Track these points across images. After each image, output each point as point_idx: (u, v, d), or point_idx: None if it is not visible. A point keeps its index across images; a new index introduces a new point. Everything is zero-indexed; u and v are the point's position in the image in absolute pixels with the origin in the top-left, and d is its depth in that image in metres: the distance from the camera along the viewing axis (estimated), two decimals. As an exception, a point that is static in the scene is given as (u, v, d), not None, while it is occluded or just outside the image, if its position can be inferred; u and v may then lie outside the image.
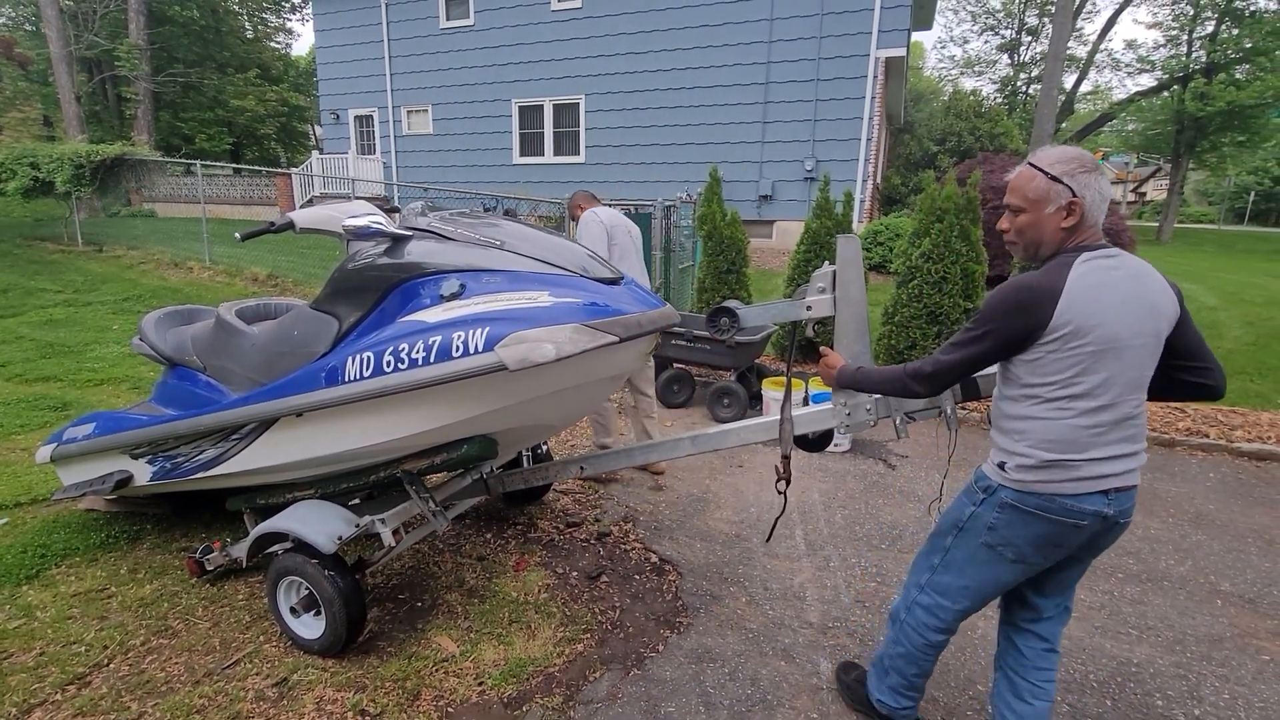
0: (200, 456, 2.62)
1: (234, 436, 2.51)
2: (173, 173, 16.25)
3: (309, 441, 2.35)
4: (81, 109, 18.23)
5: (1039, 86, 20.10)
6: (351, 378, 2.09)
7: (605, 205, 4.13)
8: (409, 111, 15.84)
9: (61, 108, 17.80)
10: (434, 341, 1.97)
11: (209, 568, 2.75)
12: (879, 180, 13.89)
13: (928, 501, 3.66)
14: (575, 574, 2.93)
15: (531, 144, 14.68)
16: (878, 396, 2.24)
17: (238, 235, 2.54)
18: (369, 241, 2.25)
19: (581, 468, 2.79)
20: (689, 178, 12.19)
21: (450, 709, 2.13)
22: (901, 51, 11.35)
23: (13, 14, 22.81)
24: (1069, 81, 25.53)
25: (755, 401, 5.06)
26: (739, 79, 12.34)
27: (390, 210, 2.83)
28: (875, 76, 11.33)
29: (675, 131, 13.06)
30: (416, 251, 2.20)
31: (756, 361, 5.36)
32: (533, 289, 2.04)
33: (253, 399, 2.40)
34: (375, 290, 2.23)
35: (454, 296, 2.07)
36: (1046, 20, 25.50)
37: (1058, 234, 1.56)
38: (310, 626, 2.36)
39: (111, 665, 2.28)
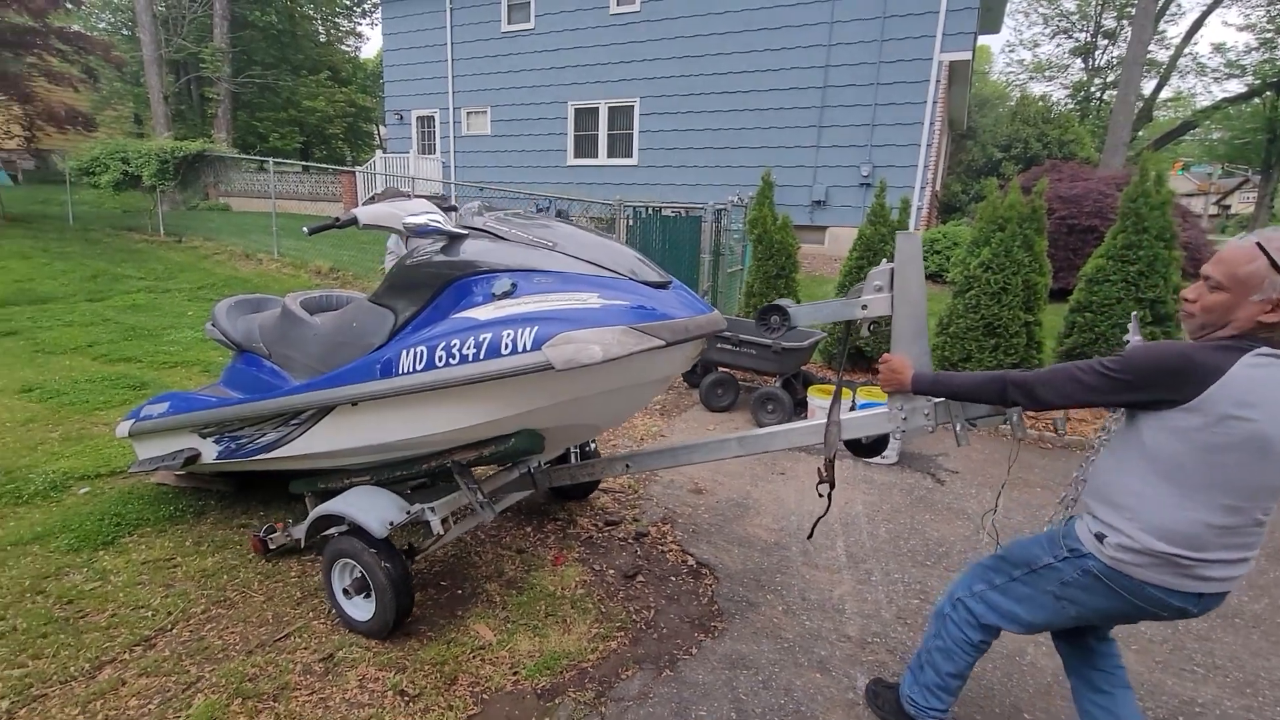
0: (262, 439, 2.76)
1: (293, 421, 2.62)
2: (247, 169, 17.11)
3: (363, 429, 2.44)
4: (169, 108, 19.41)
5: (1114, 92, 19.13)
6: (405, 370, 2.17)
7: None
8: (469, 113, 16.26)
9: (151, 107, 19.00)
10: (484, 339, 2.02)
11: (271, 546, 2.86)
12: (938, 187, 13.48)
13: (979, 516, 3.53)
14: (612, 572, 2.95)
15: (586, 146, 14.85)
16: (938, 401, 2.12)
17: (305, 229, 2.66)
18: (427, 239, 2.32)
19: (627, 465, 2.77)
20: (741, 181, 12.10)
21: (485, 695, 2.17)
22: (966, 55, 11.00)
23: (112, 19, 24.49)
24: (1148, 87, 24.20)
25: (800, 409, 4.99)
26: (796, 82, 12.19)
27: (448, 209, 2.93)
28: (938, 81, 11.01)
29: (728, 135, 13.00)
30: (471, 250, 2.25)
31: (803, 369, 5.28)
32: (582, 290, 2.07)
33: (311, 387, 2.51)
34: (431, 286, 2.30)
35: (505, 295, 2.11)
36: (1125, 23, 24.25)
37: (1250, 324, 1.39)
38: (361, 608, 2.43)
39: (174, 630, 2.42)
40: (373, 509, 2.35)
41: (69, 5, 13.86)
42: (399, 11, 16.69)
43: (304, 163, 19.20)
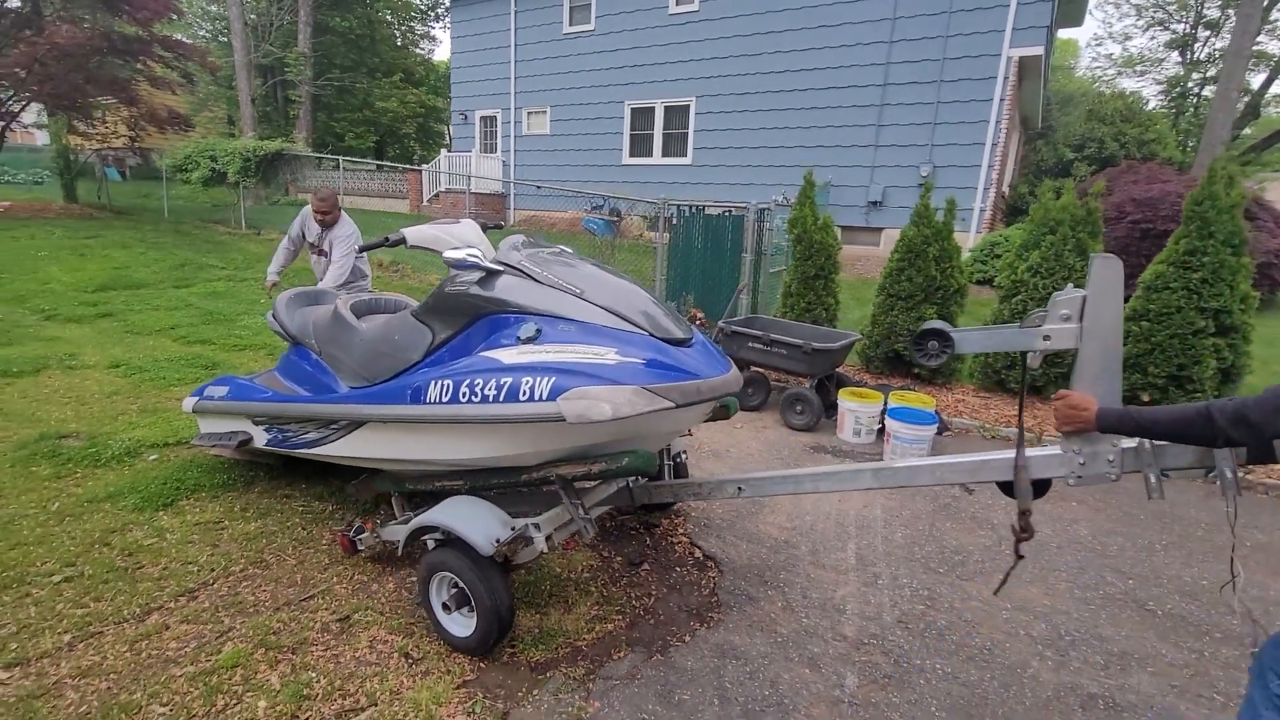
0: (305, 436, 2.99)
1: (332, 426, 2.84)
2: (323, 167, 18.14)
3: (391, 445, 2.63)
4: (256, 110, 20.78)
5: (1214, 88, 17.76)
6: (432, 400, 2.32)
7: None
8: (529, 113, 16.68)
9: (240, 109, 20.39)
10: (505, 382, 2.14)
11: (360, 547, 2.83)
12: (1004, 188, 12.90)
13: (1005, 526, 3.43)
14: (619, 559, 3.04)
15: (641, 145, 14.99)
16: (1125, 445, 1.86)
17: (357, 245, 2.88)
18: (466, 271, 2.45)
19: (739, 488, 2.52)
20: (795, 181, 11.95)
21: (483, 664, 2.31)
22: (1038, 50, 10.49)
23: (210, 27, 26.39)
24: (1255, 82, 22.32)
25: (831, 411, 4.94)
26: (854, 80, 11.94)
27: (495, 226, 3.08)
28: (1006, 78, 10.55)
29: (783, 134, 12.85)
30: (504, 287, 2.39)
31: (838, 370, 5.22)
32: (602, 344, 2.17)
33: (349, 399, 2.72)
34: (466, 315, 2.46)
35: (530, 340, 2.24)
36: (1230, 12, 22.44)
37: None
38: (460, 624, 2.35)
39: (215, 585, 2.67)
40: (478, 523, 2.27)
41: (172, 15, 15.06)
42: (467, 15, 17.29)
43: (374, 161, 20.15)
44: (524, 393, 2.10)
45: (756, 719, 2.12)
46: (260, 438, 3.23)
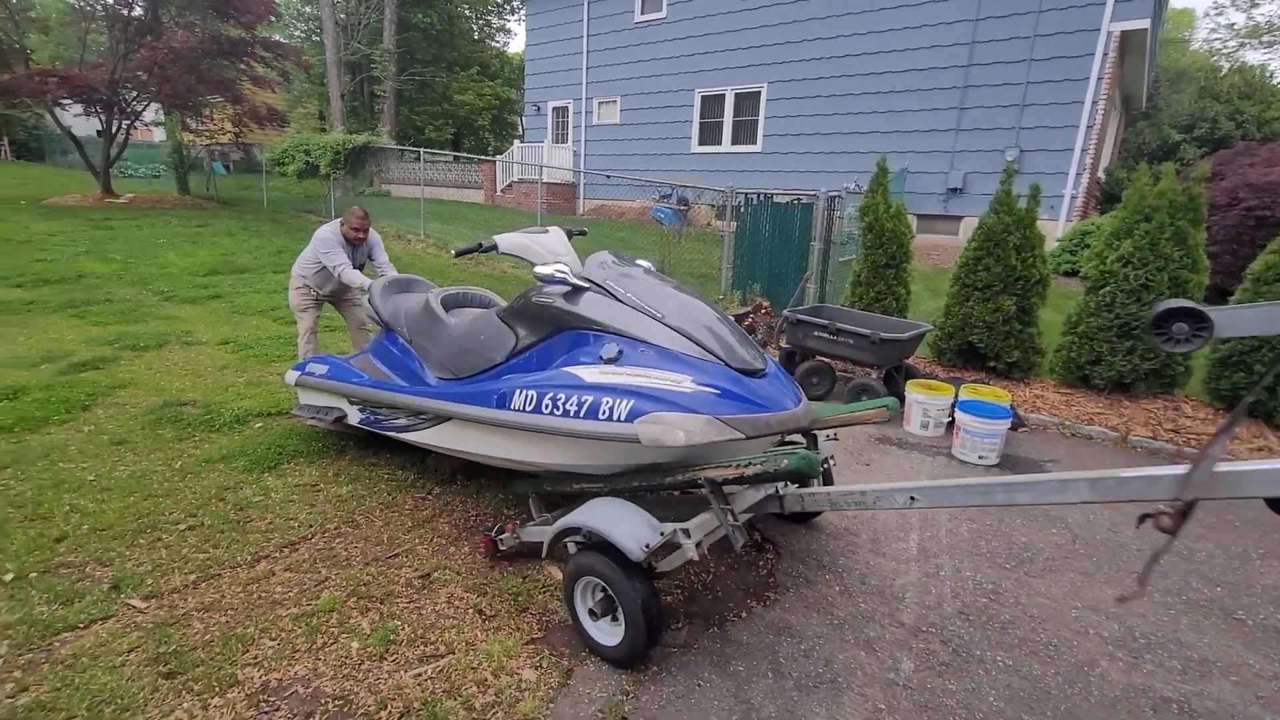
0: (395, 421, 3.24)
1: (421, 417, 3.07)
2: (405, 159, 19.00)
3: (475, 442, 2.83)
4: (345, 105, 21.94)
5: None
6: (516, 407, 2.49)
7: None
8: (600, 103, 16.87)
9: (330, 104, 21.58)
10: (586, 400, 2.28)
11: (501, 547, 2.80)
12: (1100, 174, 12.06)
13: (1079, 526, 3.30)
14: (679, 537, 3.13)
15: (710, 133, 14.90)
16: None
17: (452, 251, 3.10)
18: (554, 285, 2.60)
19: (911, 498, 2.14)
20: (869, 169, 11.61)
21: (549, 624, 2.47)
22: (1143, 23, 9.72)
23: (304, 28, 27.98)
24: None
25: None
26: (935, 61, 11.43)
27: (579, 233, 3.22)
28: (1105, 54, 9.84)
29: (856, 119, 12.48)
30: (589, 305, 2.52)
31: (906, 361, 5.11)
32: (679, 371, 2.27)
33: (438, 395, 2.92)
34: (550, 325, 2.62)
35: (611, 361, 2.37)
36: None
37: None
38: (607, 633, 2.28)
39: (312, 540, 2.95)
40: (627, 527, 2.18)
41: (272, 17, 16.10)
42: (541, 7, 17.62)
43: (452, 153, 20.90)
44: (603, 412, 2.22)
45: (809, 693, 2.18)
46: (354, 416, 3.52)
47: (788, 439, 2.73)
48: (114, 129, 13.89)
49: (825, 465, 2.93)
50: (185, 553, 2.78)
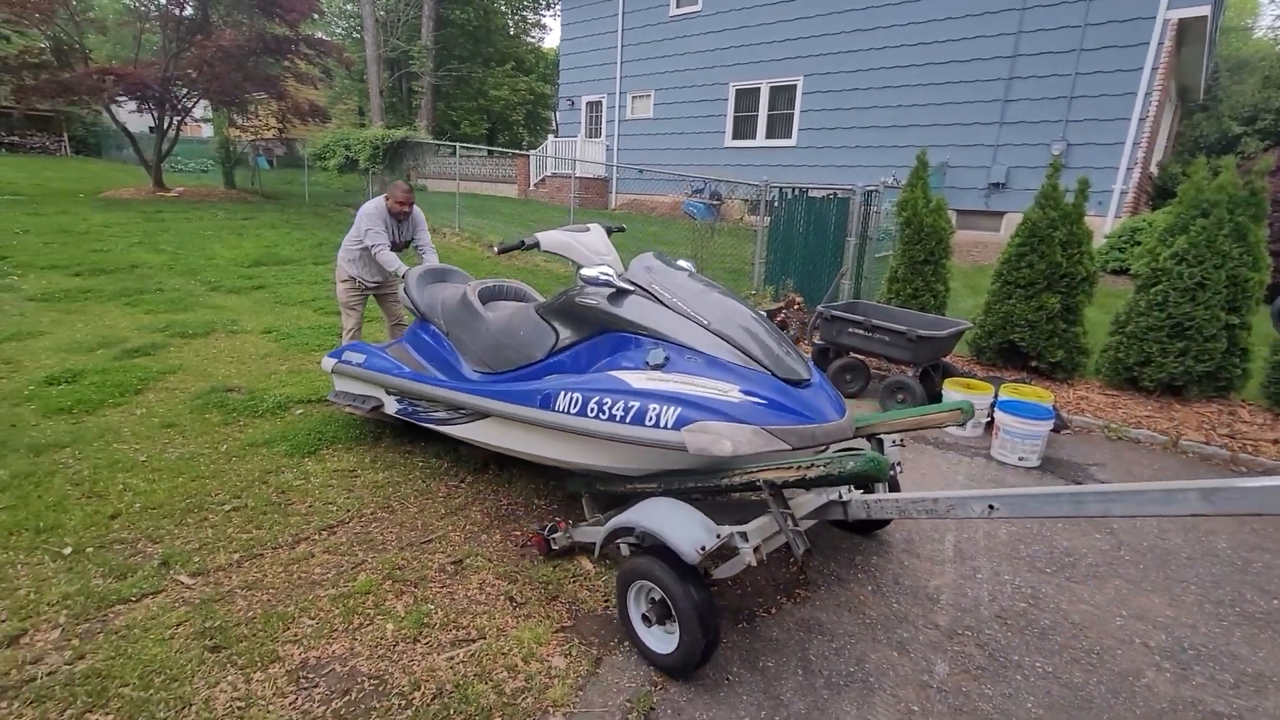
0: (434, 414, 3.28)
1: (460, 411, 3.09)
2: (441, 154, 19.29)
3: (515, 439, 2.86)
4: (384, 101, 22.35)
5: None
6: (560, 409, 2.51)
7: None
8: (634, 97, 16.85)
9: (370, 100, 22.00)
10: (633, 406, 2.29)
11: (554, 546, 2.77)
12: (1152, 168, 11.59)
13: (1125, 532, 3.19)
14: (709, 531, 3.12)
15: (744, 127, 14.76)
16: None
17: (495, 248, 3.12)
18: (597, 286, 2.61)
19: (991, 507, 1.95)
20: (907, 163, 11.37)
21: (579, 613, 2.48)
22: (1203, 10, 9.29)
23: (345, 25, 28.58)
24: None
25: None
26: (979, 52, 11.11)
27: (618, 229, 3.22)
28: (1160, 43, 9.44)
29: (895, 113, 12.21)
30: (634, 309, 2.53)
31: (944, 360, 5.00)
32: (726, 380, 2.27)
33: (478, 391, 2.94)
34: (593, 326, 2.64)
35: (658, 367, 2.38)
36: None
37: None
38: (661, 639, 2.19)
39: (350, 524, 3.02)
40: (682, 529, 2.08)
41: (315, 15, 16.48)
42: (576, 1, 17.65)
43: (487, 147, 21.12)
44: (650, 419, 2.24)
45: (840, 692, 2.16)
46: (391, 406, 3.58)
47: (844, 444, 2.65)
48: (165, 125, 14.40)
49: (892, 472, 2.70)
50: (230, 532, 2.88)
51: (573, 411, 2.46)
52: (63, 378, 4.41)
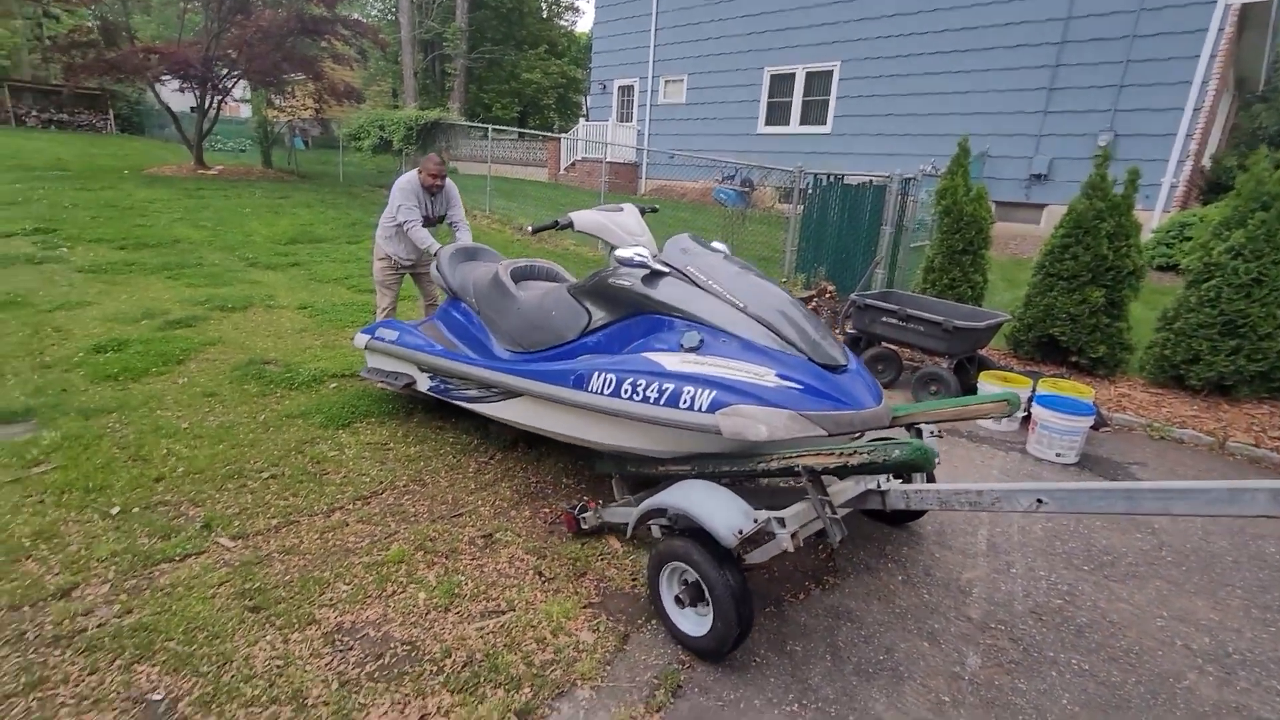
0: (466, 392, 3.31)
1: (492, 389, 3.11)
2: (473, 136, 19.37)
3: (546, 419, 2.86)
4: (417, 83, 22.48)
5: None
6: (594, 390, 2.51)
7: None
8: (666, 81, 16.67)
9: (403, 81, 22.15)
10: (667, 389, 2.28)
11: (584, 526, 2.78)
12: (1205, 161, 11.13)
13: (1167, 533, 3.10)
14: (736, 516, 3.11)
15: (777, 113, 14.52)
16: None
17: (529, 228, 3.13)
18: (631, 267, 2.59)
19: (1039, 501, 1.88)
20: (943, 152, 11.08)
21: (606, 591, 2.50)
22: (1269, -6, 8.85)
23: (380, 6, 28.74)
24: None
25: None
26: (1025, 39, 10.74)
27: (651, 210, 3.19)
28: (1220, 29, 9.02)
29: (935, 100, 11.89)
30: (668, 291, 2.51)
31: (980, 352, 4.89)
32: (761, 363, 2.24)
33: (512, 371, 2.94)
34: (627, 308, 2.63)
35: (692, 350, 2.36)
36: None
37: None
38: (694, 622, 2.17)
39: (382, 495, 3.08)
40: (719, 512, 2.06)
41: (351, -4, 16.67)
42: (611, -16, 17.49)
43: (519, 129, 21.14)
44: (684, 401, 2.22)
45: (869, 679, 2.14)
46: (424, 383, 3.61)
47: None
48: (206, 104, 14.68)
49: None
50: (268, 499, 2.95)
51: (606, 392, 2.45)
52: (109, 346, 4.56)
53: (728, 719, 1.95)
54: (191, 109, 15.49)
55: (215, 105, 14.98)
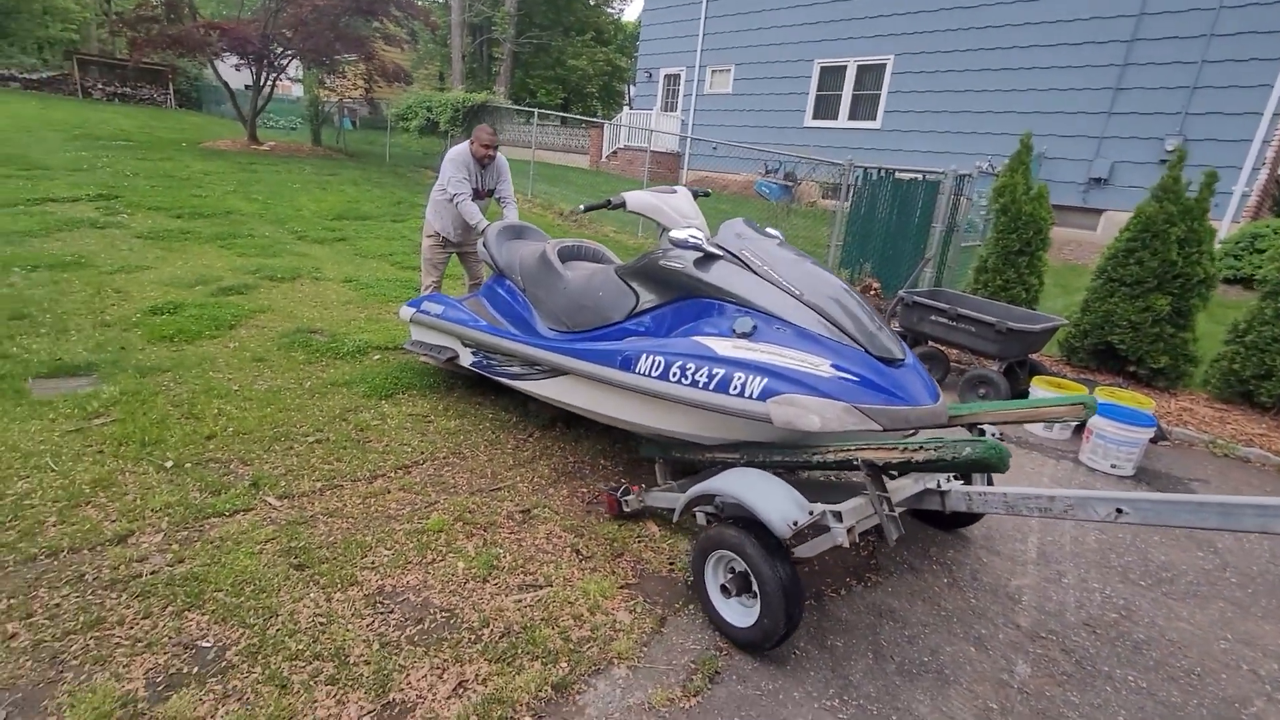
0: (509, 368, 3.30)
1: (536, 367, 3.09)
2: (517, 120, 19.44)
3: (590, 399, 2.83)
4: (465, 66, 22.66)
5: None
6: (641, 372, 2.47)
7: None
8: (713, 71, 16.47)
9: (451, 64, 22.34)
10: (717, 374, 2.23)
11: (626, 509, 2.75)
12: (1282, 170, 10.52)
13: (1231, 552, 2.94)
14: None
15: (826, 107, 14.23)
16: None
17: (581, 206, 3.10)
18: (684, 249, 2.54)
19: (1119, 510, 1.76)
20: (996, 151, 10.71)
21: (644, 572, 2.48)
22: (1365, -6, 8.30)
23: (431, -11, 28.99)
24: None
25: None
26: (1094, 35, 10.30)
27: (703, 194, 3.14)
28: (1309, 29, 8.50)
29: (991, 98, 11.49)
30: (722, 275, 2.45)
31: (1032, 357, 4.72)
32: (816, 353, 2.17)
33: (558, 350, 2.91)
34: (677, 290, 2.58)
35: (744, 335, 2.30)
36: None
37: None
38: (739, 613, 2.11)
39: (423, 465, 3.10)
40: (773, 502, 1.99)
41: (404, -22, 16.80)
42: (662, -29, 17.31)
43: (564, 114, 21.16)
44: (735, 387, 2.17)
45: (913, 680, 2.07)
46: (466, 358, 3.62)
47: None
48: (261, 82, 15.02)
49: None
50: (313, 462, 3.00)
51: (654, 375, 2.41)
52: (165, 309, 4.69)
53: (766, 709, 1.91)
54: (247, 86, 15.88)
55: (270, 83, 15.32)
